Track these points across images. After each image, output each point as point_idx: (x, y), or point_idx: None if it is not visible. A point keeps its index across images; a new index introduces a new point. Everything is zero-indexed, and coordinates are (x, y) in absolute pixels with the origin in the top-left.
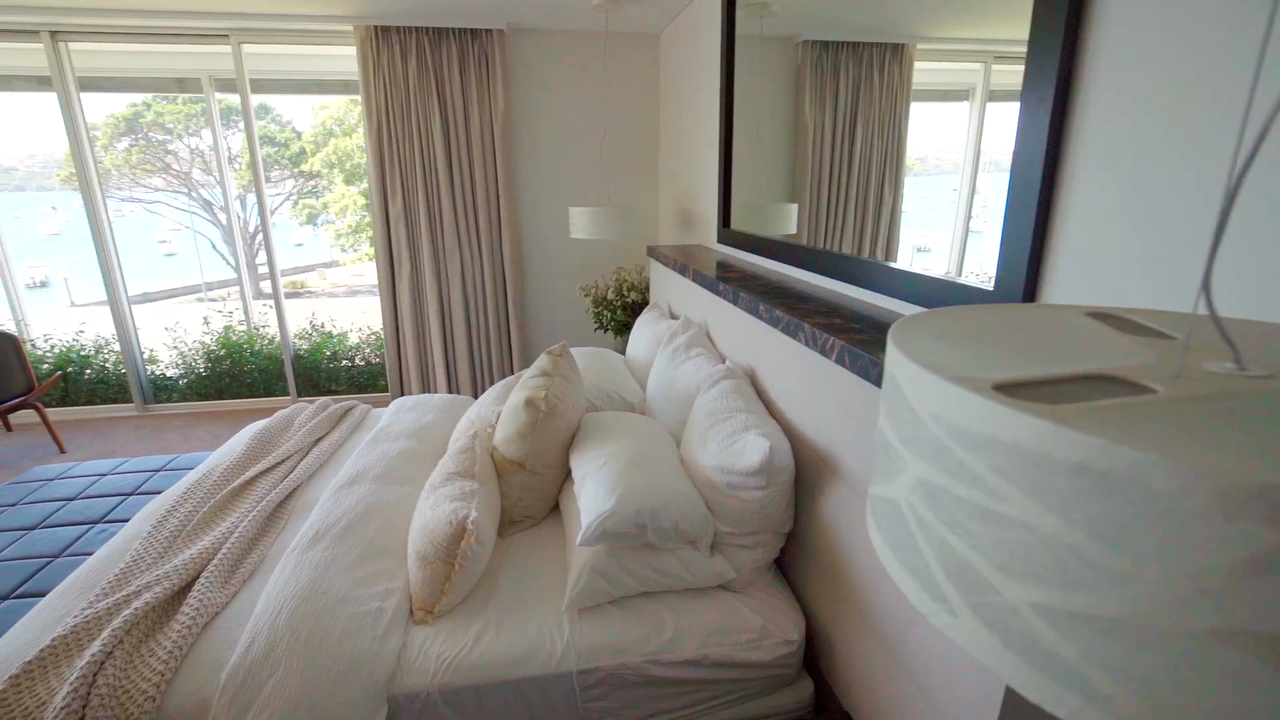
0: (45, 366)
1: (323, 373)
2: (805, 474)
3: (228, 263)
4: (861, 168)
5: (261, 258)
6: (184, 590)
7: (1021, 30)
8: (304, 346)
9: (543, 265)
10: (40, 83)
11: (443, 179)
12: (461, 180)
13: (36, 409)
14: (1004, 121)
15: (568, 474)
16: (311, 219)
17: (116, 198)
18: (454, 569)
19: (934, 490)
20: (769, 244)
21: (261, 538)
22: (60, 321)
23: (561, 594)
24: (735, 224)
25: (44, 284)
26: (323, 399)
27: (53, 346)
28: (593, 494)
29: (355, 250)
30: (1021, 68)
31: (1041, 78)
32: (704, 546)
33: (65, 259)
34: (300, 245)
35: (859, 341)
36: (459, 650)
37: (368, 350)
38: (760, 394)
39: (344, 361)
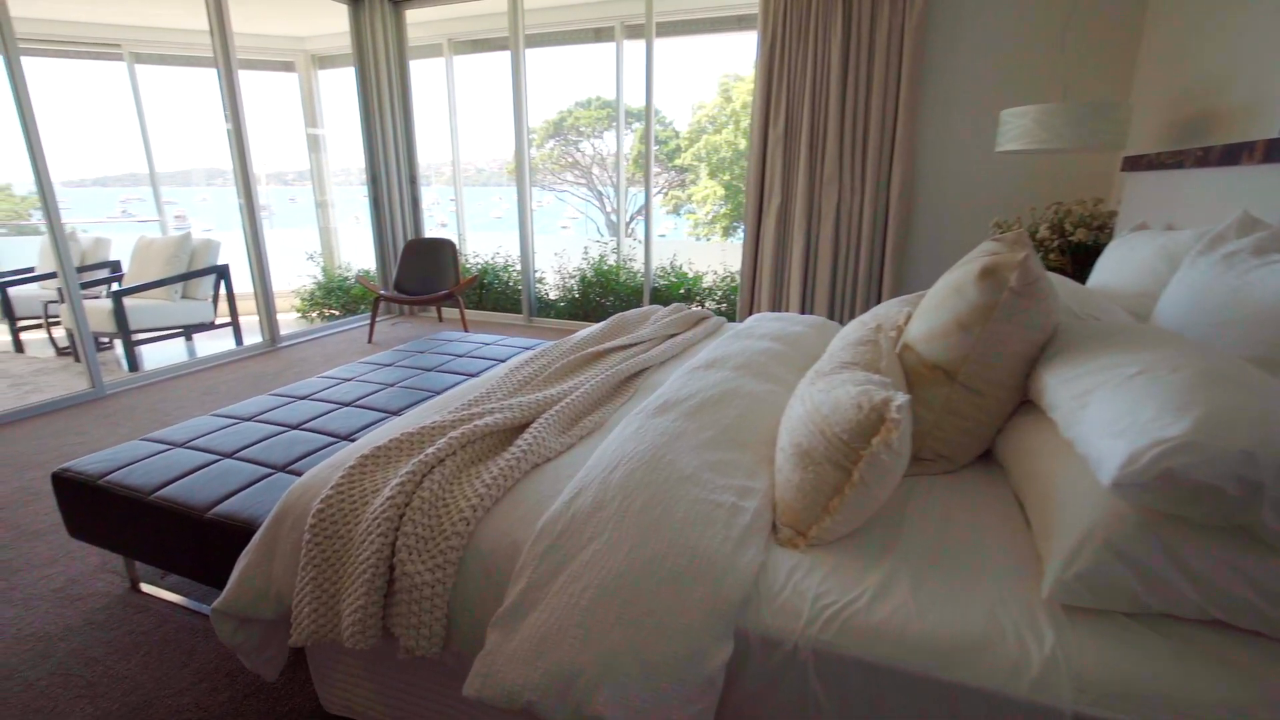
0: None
1: None
2: None
3: (607, 245)
4: None
5: (628, 247)
6: (521, 430)
7: None
8: (662, 283)
9: (939, 197)
10: (495, 45)
11: (833, 98)
12: (855, 99)
13: (457, 302)
14: None
15: (1020, 403)
16: (677, 209)
17: (541, 186)
18: (851, 477)
19: None
20: None
21: (605, 402)
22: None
23: (1020, 569)
24: None
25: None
26: (679, 303)
27: (478, 262)
28: (1122, 411)
29: (708, 240)
30: None
31: None
32: None
33: (502, 236)
34: (663, 236)
35: None
36: (850, 601)
37: (719, 294)
38: None
39: (694, 305)
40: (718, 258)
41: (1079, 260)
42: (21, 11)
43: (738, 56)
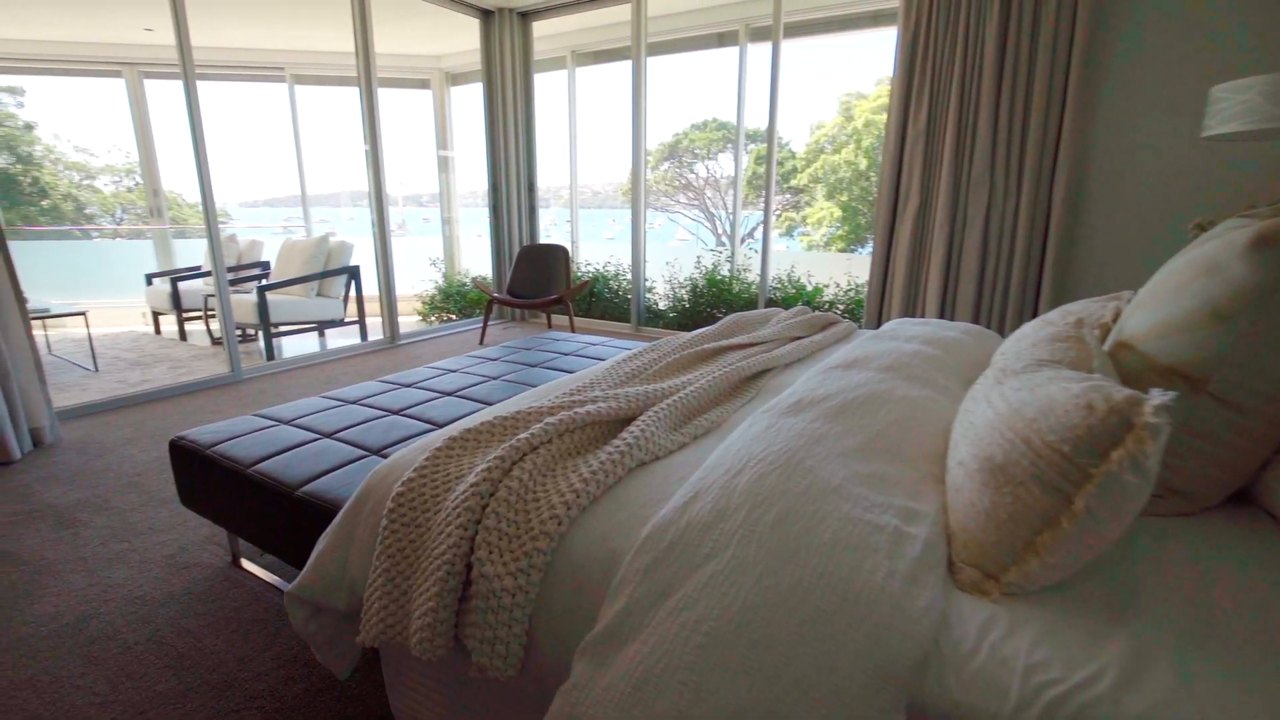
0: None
1: None
2: None
3: (720, 254)
4: None
5: (742, 256)
6: (626, 423)
7: None
8: (779, 296)
9: (1114, 195)
10: (617, 55)
11: (986, 86)
12: (1012, 86)
13: (567, 307)
14: None
15: None
16: (790, 231)
17: (653, 208)
18: (1072, 504)
19: None
20: None
21: (723, 401)
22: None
23: None
24: None
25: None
26: (802, 305)
27: (590, 270)
28: None
29: (827, 252)
30: None
31: None
32: None
33: (614, 252)
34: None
35: None
36: (1083, 681)
37: (839, 309)
38: None
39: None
40: (841, 268)
41: None
42: (202, 40)
43: (859, 74)
